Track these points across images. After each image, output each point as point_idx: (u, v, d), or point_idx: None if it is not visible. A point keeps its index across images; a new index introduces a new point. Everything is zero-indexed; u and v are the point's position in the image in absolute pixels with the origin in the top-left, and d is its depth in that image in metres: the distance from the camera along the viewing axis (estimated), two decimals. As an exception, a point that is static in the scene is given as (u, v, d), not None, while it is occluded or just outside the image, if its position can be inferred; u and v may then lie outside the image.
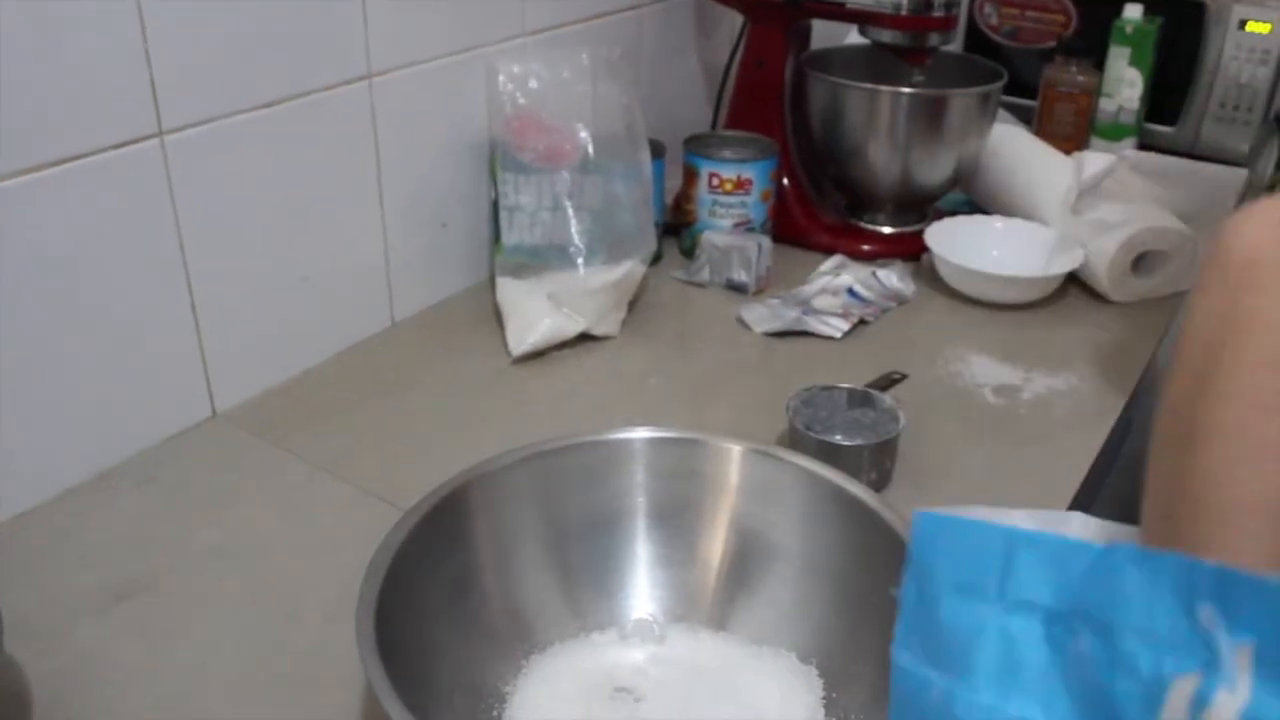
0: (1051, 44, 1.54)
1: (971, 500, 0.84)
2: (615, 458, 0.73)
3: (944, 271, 1.15)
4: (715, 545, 0.73)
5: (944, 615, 0.41)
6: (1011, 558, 0.42)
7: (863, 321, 1.10)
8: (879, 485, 0.83)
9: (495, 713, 0.64)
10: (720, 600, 0.71)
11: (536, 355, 1.02)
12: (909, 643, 0.43)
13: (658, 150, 1.17)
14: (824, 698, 0.65)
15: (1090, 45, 1.47)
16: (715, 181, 1.18)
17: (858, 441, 0.82)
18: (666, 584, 0.72)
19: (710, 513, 0.73)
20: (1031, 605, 0.41)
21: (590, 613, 0.71)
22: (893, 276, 1.16)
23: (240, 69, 0.86)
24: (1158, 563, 0.38)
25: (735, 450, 0.73)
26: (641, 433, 0.73)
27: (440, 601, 0.65)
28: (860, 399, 0.87)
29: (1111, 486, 1.13)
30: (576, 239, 1.06)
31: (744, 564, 0.72)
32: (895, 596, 0.45)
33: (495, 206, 1.08)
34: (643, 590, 0.72)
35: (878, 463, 0.83)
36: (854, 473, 0.73)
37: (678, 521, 0.73)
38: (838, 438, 0.82)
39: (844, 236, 1.27)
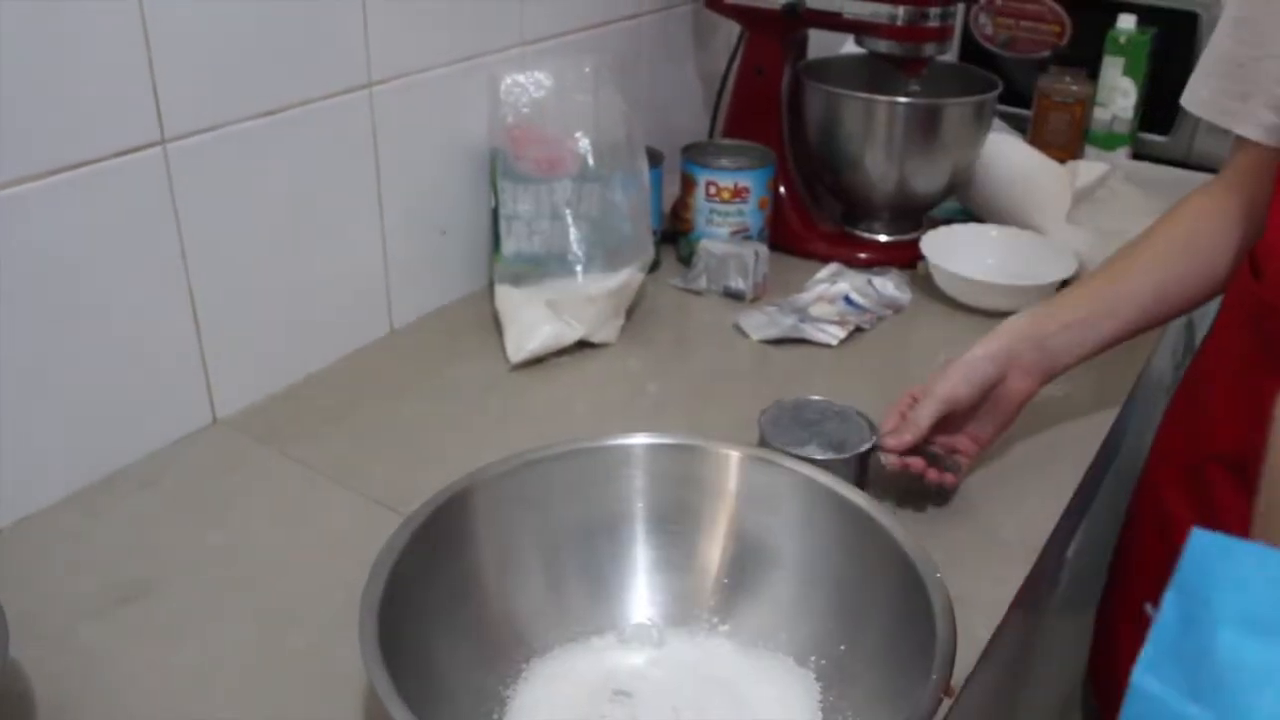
0: (1046, 54, 1.55)
1: (965, 510, 0.85)
2: (614, 463, 0.74)
3: (940, 279, 1.16)
4: (714, 550, 0.73)
5: (1222, 648, 0.35)
6: None
7: (859, 329, 1.10)
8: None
9: (495, 716, 0.65)
10: (718, 604, 0.72)
11: (535, 362, 1.03)
12: (1161, 670, 0.37)
13: (655, 159, 1.18)
14: (821, 701, 0.66)
15: (1084, 55, 1.49)
16: (713, 190, 1.19)
17: (829, 456, 0.81)
18: (665, 588, 0.73)
19: (709, 518, 0.73)
20: None
21: (589, 617, 0.71)
22: (889, 284, 1.17)
23: (242, 77, 0.86)
24: None
25: (733, 456, 0.73)
26: (640, 439, 0.74)
27: (441, 606, 0.65)
28: (835, 414, 0.86)
29: (1106, 495, 1.13)
30: (575, 247, 1.07)
31: (742, 568, 0.72)
32: (1149, 615, 0.41)
33: (495, 214, 1.09)
34: (642, 594, 0.73)
35: (854, 478, 0.81)
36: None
37: (676, 526, 0.73)
38: (811, 449, 0.81)
39: (840, 244, 1.28)
